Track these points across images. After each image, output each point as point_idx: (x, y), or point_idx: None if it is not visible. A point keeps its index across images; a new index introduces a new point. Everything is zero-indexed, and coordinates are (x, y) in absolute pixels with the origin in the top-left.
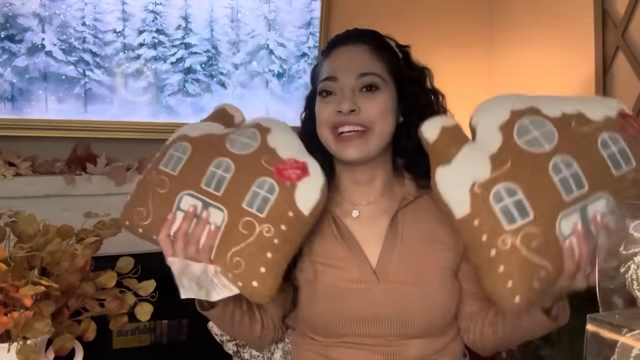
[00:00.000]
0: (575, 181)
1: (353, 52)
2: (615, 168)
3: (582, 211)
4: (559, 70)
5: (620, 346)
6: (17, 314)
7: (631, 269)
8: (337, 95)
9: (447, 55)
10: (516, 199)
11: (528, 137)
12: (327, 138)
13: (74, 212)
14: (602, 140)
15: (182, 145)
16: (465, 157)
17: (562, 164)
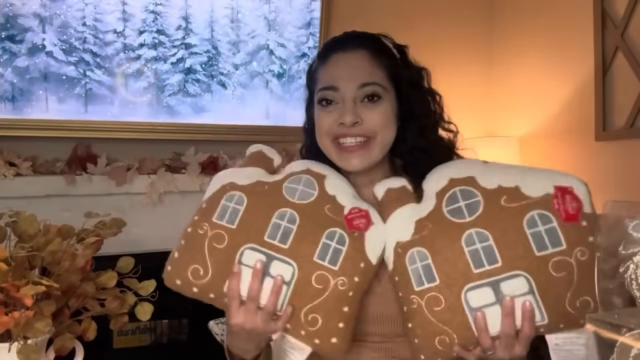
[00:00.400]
0: (486, 255)
1: (353, 59)
2: (537, 248)
3: (494, 286)
4: (558, 71)
5: (620, 346)
6: (18, 313)
7: (630, 269)
8: (338, 105)
9: (447, 54)
10: (425, 263)
11: (454, 205)
12: (329, 148)
13: (75, 212)
14: (529, 217)
15: (235, 195)
16: (397, 220)
17: (476, 236)
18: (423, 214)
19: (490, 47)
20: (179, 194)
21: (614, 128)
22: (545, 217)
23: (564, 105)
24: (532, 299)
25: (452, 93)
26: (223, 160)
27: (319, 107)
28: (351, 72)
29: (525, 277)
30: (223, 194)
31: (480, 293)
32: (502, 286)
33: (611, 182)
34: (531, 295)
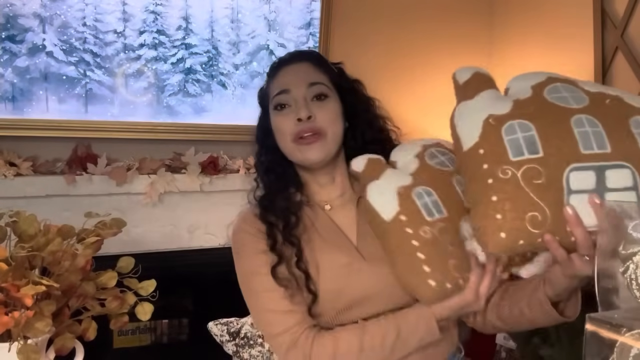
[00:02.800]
0: (596, 139)
1: (299, 67)
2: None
3: (599, 172)
4: (558, 71)
5: (620, 346)
6: (18, 313)
7: (630, 269)
8: (291, 107)
9: (446, 54)
10: (528, 134)
11: (557, 94)
12: (291, 147)
13: (75, 212)
14: (635, 119)
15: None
16: (488, 95)
17: (585, 120)
18: (520, 97)
19: (490, 46)
20: (179, 194)
21: None
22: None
23: None
24: (634, 196)
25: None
26: (223, 160)
27: (276, 113)
28: (299, 76)
29: (632, 171)
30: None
31: (583, 175)
32: (607, 174)
33: None
34: (634, 191)
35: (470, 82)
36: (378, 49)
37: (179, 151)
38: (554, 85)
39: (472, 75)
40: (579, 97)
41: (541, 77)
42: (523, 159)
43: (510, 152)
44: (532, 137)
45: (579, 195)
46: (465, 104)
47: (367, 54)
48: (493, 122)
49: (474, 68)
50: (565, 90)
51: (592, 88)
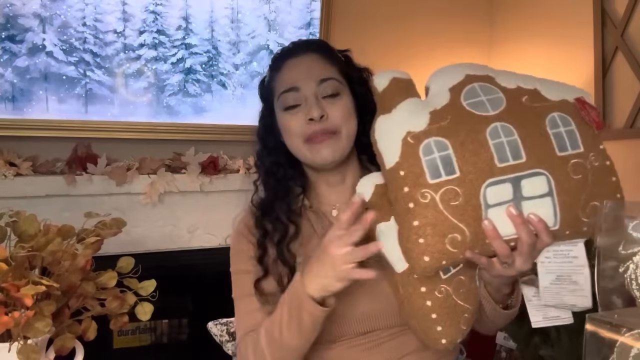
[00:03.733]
0: (512, 150)
1: (306, 60)
2: (559, 148)
3: (515, 183)
4: (558, 71)
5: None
6: (18, 313)
7: (630, 269)
8: (301, 106)
9: (446, 55)
10: (445, 154)
11: (474, 100)
12: (301, 148)
13: (75, 212)
14: (551, 117)
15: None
16: (406, 107)
17: (501, 129)
18: (437, 107)
19: (489, 46)
20: (179, 194)
21: (614, 128)
22: (565, 119)
23: None
24: (549, 202)
25: None
26: (223, 160)
27: (284, 113)
28: (308, 71)
29: (547, 177)
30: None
31: (499, 189)
32: (523, 183)
33: None
34: (550, 197)
35: (387, 92)
36: (378, 49)
37: (179, 151)
38: (472, 87)
39: (390, 82)
40: (496, 99)
41: (459, 75)
42: (441, 180)
43: (428, 174)
44: (448, 157)
45: (497, 208)
46: (384, 119)
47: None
48: (411, 141)
49: (392, 72)
50: (483, 92)
51: (510, 83)
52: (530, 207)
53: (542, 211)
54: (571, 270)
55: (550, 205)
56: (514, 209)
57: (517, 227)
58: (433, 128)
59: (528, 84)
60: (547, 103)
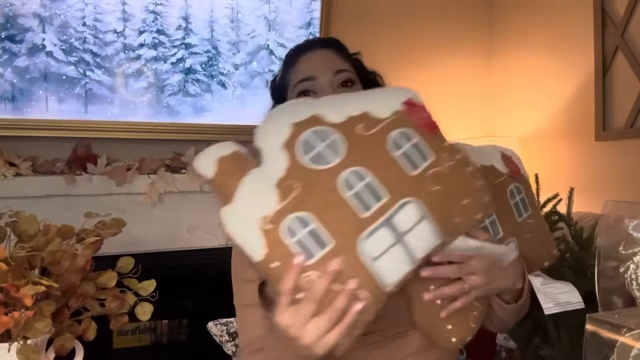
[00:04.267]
0: (371, 193)
1: (321, 54)
2: (411, 167)
3: (389, 223)
4: (558, 70)
5: (620, 346)
6: (18, 313)
7: (630, 269)
8: (317, 94)
9: (447, 53)
10: (310, 228)
11: (313, 152)
12: None
13: (75, 212)
14: (390, 139)
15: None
16: (248, 189)
17: (352, 176)
18: (280, 174)
19: (490, 46)
20: (179, 194)
21: (614, 128)
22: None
23: (564, 105)
24: (426, 224)
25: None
26: None
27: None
28: (324, 62)
29: (414, 202)
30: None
31: (377, 238)
32: (395, 221)
33: (611, 182)
34: (425, 220)
35: (218, 177)
36: (378, 49)
37: (179, 151)
38: (304, 139)
39: (218, 165)
40: (333, 142)
41: (285, 128)
42: (318, 258)
43: (304, 256)
44: (314, 231)
45: (384, 257)
46: (229, 211)
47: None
48: (270, 226)
49: (214, 152)
50: (318, 140)
51: (338, 115)
52: (413, 239)
53: (425, 236)
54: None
55: (429, 227)
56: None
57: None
58: (287, 205)
59: (356, 108)
60: (382, 124)
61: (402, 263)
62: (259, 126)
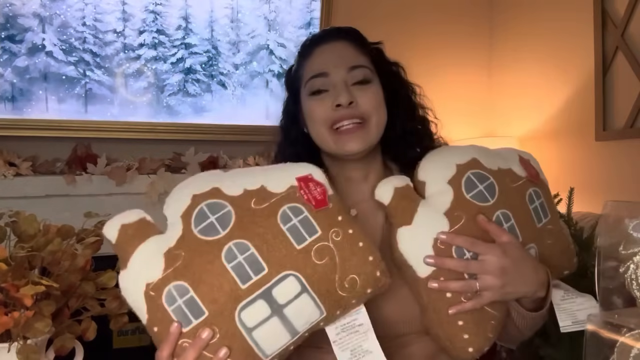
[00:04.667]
0: (251, 266)
1: (337, 47)
2: (297, 241)
3: (267, 297)
4: (558, 71)
5: (620, 346)
6: (18, 313)
7: (630, 269)
8: (329, 92)
9: (447, 55)
10: (188, 297)
11: (204, 224)
12: (325, 136)
13: (75, 212)
14: (282, 213)
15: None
16: (140, 256)
17: (235, 249)
18: (172, 243)
19: (490, 47)
20: None
21: (614, 128)
22: (296, 209)
23: (564, 105)
24: (307, 298)
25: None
26: (223, 160)
27: (311, 98)
28: (338, 57)
29: (295, 276)
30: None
31: (254, 309)
32: (275, 293)
33: (611, 182)
34: (305, 293)
35: (119, 243)
36: None
37: (179, 151)
38: (200, 210)
39: (119, 231)
40: (224, 215)
41: (186, 198)
42: (193, 326)
43: (182, 324)
44: (191, 299)
45: (260, 329)
46: (124, 276)
47: None
48: (152, 293)
49: (120, 218)
50: (211, 211)
51: (236, 188)
52: (292, 311)
53: (306, 309)
54: (361, 339)
55: (309, 300)
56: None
57: (443, 263)
58: (170, 273)
59: (253, 183)
60: (276, 198)
61: (280, 335)
62: (168, 196)
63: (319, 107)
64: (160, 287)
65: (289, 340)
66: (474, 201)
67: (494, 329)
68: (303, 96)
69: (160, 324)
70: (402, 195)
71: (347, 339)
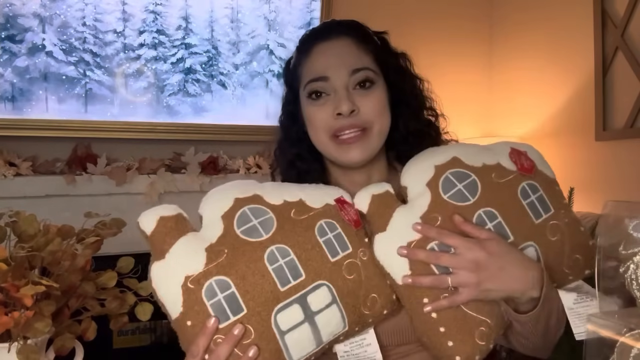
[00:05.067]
0: (290, 270)
1: (338, 46)
2: (331, 254)
3: (302, 301)
4: (558, 70)
5: (620, 346)
6: (18, 313)
7: (630, 269)
8: (330, 96)
9: (447, 55)
10: (229, 293)
11: (247, 226)
12: (326, 144)
13: (75, 212)
14: (319, 226)
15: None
16: (180, 249)
17: (277, 252)
18: (213, 240)
19: (490, 47)
20: (179, 194)
21: (614, 128)
22: (332, 225)
23: (564, 105)
24: (335, 309)
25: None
26: (223, 160)
27: (309, 102)
28: (339, 59)
29: (328, 286)
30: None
31: (289, 313)
32: (309, 300)
33: (611, 182)
34: (335, 304)
35: (156, 234)
36: None
37: (179, 151)
38: (243, 212)
39: (157, 223)
40: (267, 220)
41: (228, 200)
42: (229, 323)
43: (217, 319)
44: (232, 295)
45: (292, 333)
46: (159, 266)
47: None
48: (192, 286)
49: (157, 211)
50: (254, 215)
51: (276, 198)
52: (322, 320)
53: (333, 320)
54: (368, 358)
55: (337, 312)
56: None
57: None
58: (212, 267)
59: (293, 196)
60: (313, 212)
61: (308, 342)
62: (205, 197)
63: (319, 113)
64: (201, 280)
65: (314, 349)
66: (451, 201)
67: (485, 336)
68: (302, 99)
69: (196, 317)
70: (380, 202)
71: (355, 356)
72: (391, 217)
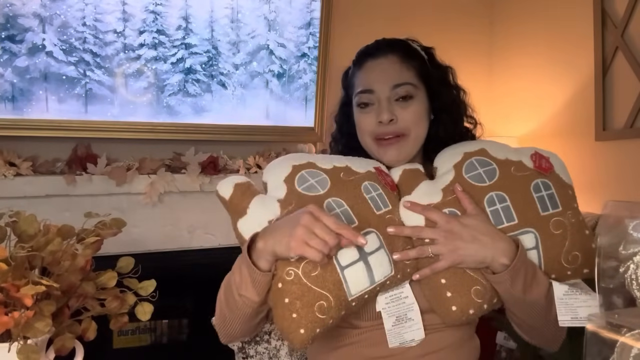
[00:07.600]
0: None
1: (384, 64)
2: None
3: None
4: (559, 71)
5: (620, 346)
6: (18, 313)
7: (630, 269)
8: (374, 106)
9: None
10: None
11: (306, 184)
12: (370, 145)
13: (75, 212)
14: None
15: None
16: (257, 204)
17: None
18: (281, 196)
19: (490, 47)
20: (179, 194)
21: (614, 128)
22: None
23: (564, 105)
24: (384, 253)
25: None
26: (223, 160)
27: (359, 110)
28: (383, 75)
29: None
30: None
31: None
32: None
33: (611, 182)
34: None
35: (234, 197)
36: None
37: (179, 151)
38: (301, 175)
39: (234, 188)
40: (322, 179)
41: (287, 167)
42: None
43: None
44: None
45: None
46: (244, 221)
47: None
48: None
49: (232, 180)
50: (311, 176)
51: (327, 164)
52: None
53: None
54: (407, 309)
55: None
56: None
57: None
58: (284, 212)
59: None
60: (358, 175)
61: (363, 279)
62: (266, 168)
63: (365, 119)
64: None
65: (368, 286)
66: (470, 181)
67: (480, 294)
68: (354, 104)
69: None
70: (411, 174)
71: (395, 307)
72: (417, 185)
